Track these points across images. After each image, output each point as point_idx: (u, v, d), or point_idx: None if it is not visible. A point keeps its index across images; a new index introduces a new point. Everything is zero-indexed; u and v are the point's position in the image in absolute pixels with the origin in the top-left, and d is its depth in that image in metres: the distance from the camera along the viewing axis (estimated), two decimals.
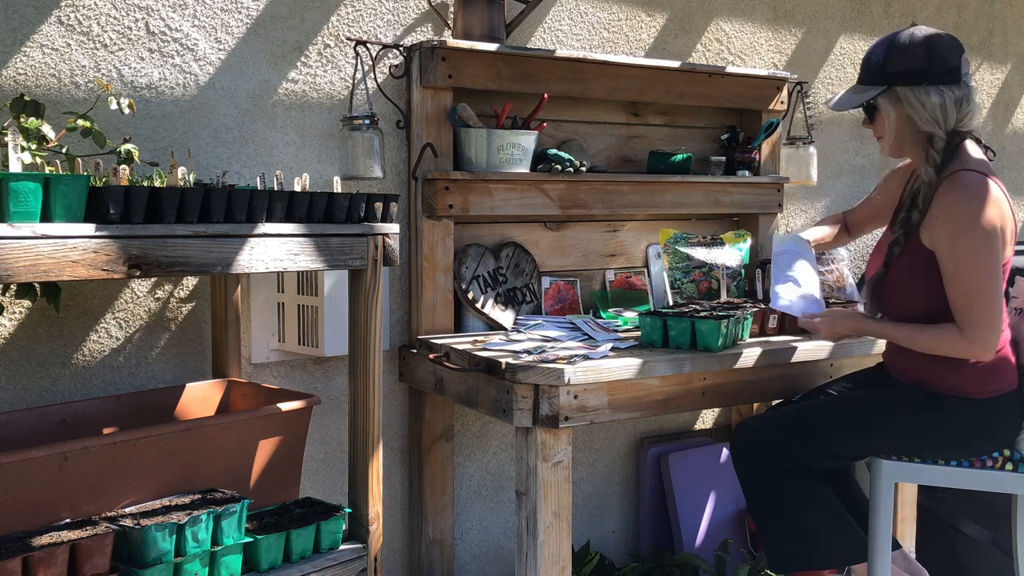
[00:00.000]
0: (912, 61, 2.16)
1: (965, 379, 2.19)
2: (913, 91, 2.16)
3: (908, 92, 2.16)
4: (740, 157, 3.12)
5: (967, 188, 2.12)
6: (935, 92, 2.15)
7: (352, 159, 2.49)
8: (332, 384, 2.64)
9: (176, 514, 1.81)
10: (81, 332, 2.29)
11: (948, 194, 2.14)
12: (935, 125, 2.17)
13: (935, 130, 2.17)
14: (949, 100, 2.15)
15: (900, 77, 2.17)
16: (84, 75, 2.25)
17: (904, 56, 2.17)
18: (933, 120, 2.16)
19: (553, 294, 2.87)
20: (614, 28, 3.09)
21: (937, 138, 2.18)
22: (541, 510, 2.21)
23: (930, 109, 2.15)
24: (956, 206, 2.12)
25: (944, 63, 2.16)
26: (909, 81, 2.16)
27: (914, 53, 2.16)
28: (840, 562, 2.31)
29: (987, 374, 2.19)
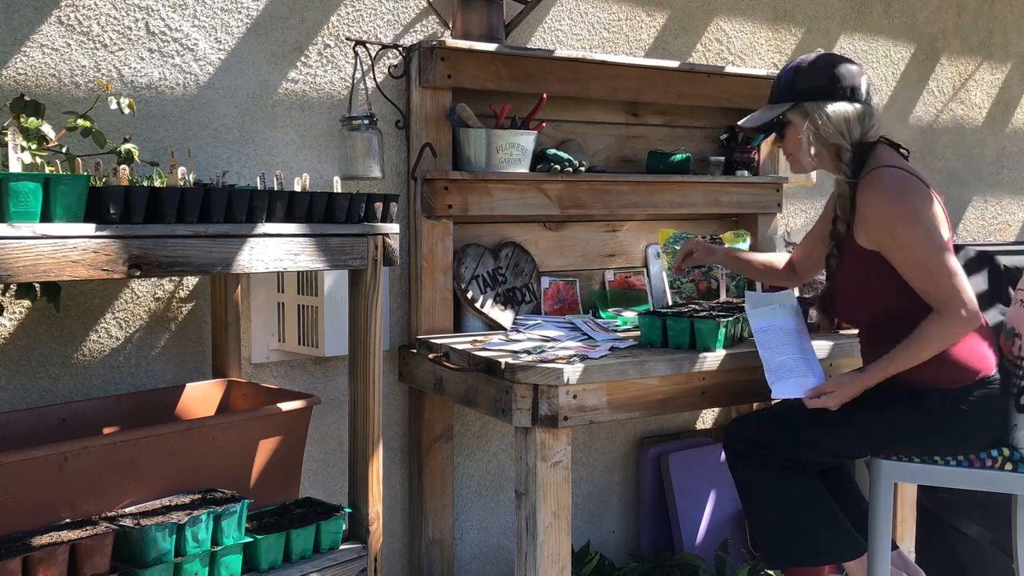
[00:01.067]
0: (818, 79, 2.28)
1: (940, 371, 2.21)
2: (819, 105, 2.27)
3: (814, 106, 2.28)
4: (739, 157, 3.13)
5: (883, 182, 2.21)
6: (840, 107, 2.27)
7: (352, 159, 2.49)
8: (332, 384, 2.64)
9: (176, 514, 1.81)
10: (81, 332, 2.29)
11: (867, 193, 2.22)
12: (840, 137, 2.27)
13: (840, 141, 2.27)
14: (852, 115, 2.27)
15: (807, 93, 2.29)
16: (84, 75, 2.25)
17: (811, 75, 2.30)
18: (838, 132, 2.27)
19: (552, 294, 2.87)
20: (614, 28, 3.09)
21: (844, 149, 2.28)
22: (541, 510, 2.21)
23: (835, 121, 2.26)
24: (880, 201, 2.20)
25: (845, 82, 2.28)
26: (815, 97, 2.28)
27: (819, 73, 2.29)
28: (834, 558, 2.32)
29: (960, 363, 2.21)
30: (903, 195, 2.18)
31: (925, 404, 2.22)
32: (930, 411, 2.22)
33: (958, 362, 2.21)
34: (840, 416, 2.28)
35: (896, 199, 2.18)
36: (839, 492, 2.48)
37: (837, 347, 2.59)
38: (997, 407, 2.24)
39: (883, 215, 2.19)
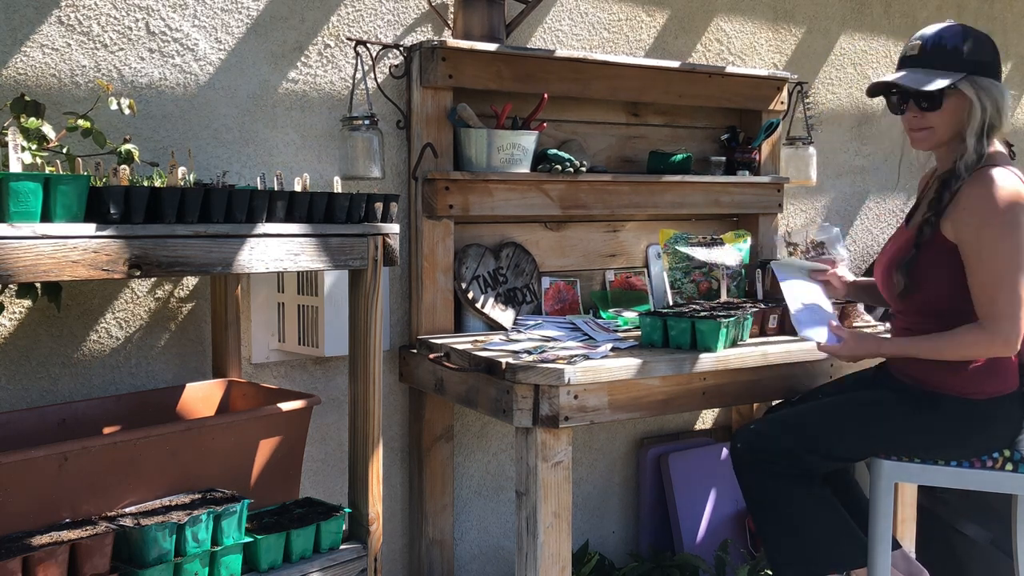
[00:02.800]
0: (986, 53, 2.17)
1: (963, 380, 2.19)
2: (992, 83, 2.17)
3: (988, 83, 2.17)
4: (740, 157, 3.12)
5: (996, 181, 2.12)
6: (1003, 87, 2.18)
7: (352, 159, 2.49)
8: (332, 384, 2.64)
9: (176, 514, 1.81)
10: (81, 332, 2.29)
11: (976, 186, 2.13)
12: (998, 117, 2.18)
13: (997, 122, 2.18)
14: (1008, 96, 2.19)
15: (979, 67, 2.17)
16: (84, 75, 2.25)
17: (980, 47, 2.18)
18: (998, 111, 2.17)
19: (553, 294, 2.87)
20: (614, 28, 3.09)
21: (996, 130, 2.18)
22: (541, 510, 2.21)
23: (1001, 101, 2.17)
24: (985, 197, 2.11)
25: (998, 61, 2.19)
26: (987, 72, 2.17)
27: (986, 47, 2.18)
28: (842, 566, 2.31)
29: (986, 375, 2.19)
30: (1008, 199, 2.09)
31: (944, 410, 2.20)
32: (948, 418, 2.20)
33: (988, 375, 2.18)
34: (852, 422, 2.26)
35: (1001, 201, 2.09)
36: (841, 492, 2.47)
37: None
38: (1014, 421, 2.23)
39: (982, 212, 2.10)
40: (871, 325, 2.87)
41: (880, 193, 3.81)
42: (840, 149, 3.66)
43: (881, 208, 3.82)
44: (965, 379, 2.19)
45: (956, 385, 2.19)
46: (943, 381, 2.20)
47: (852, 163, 3.69)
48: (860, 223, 3.76)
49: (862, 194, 3.75)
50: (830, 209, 3.65)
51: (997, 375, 2.20)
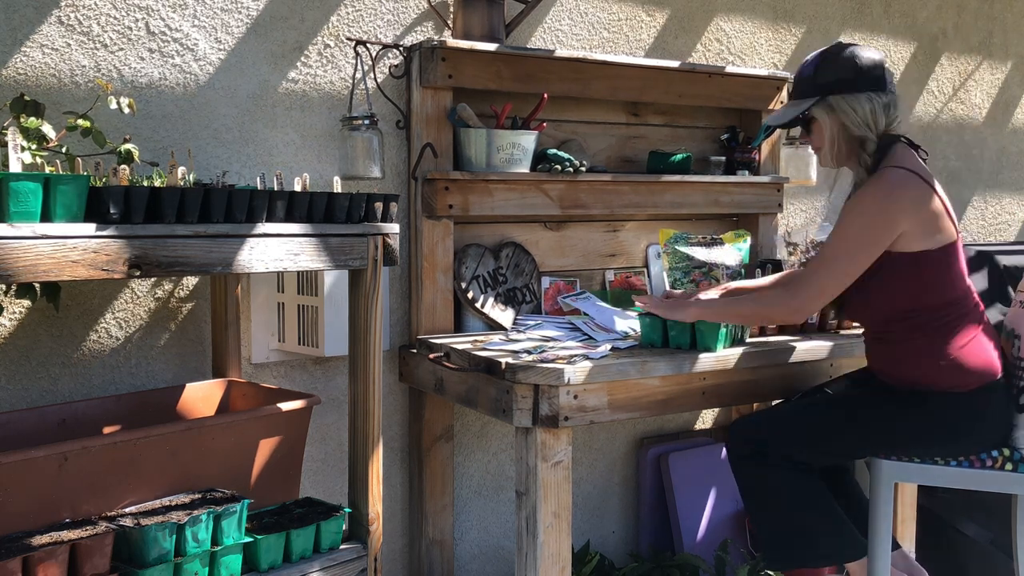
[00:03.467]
0: (841, 71, 2.26)
1: (944, 375, 2.20)
2: (844, 98, 2.25)
3: (840, 99, 2.26)
4: (740, 157, 3.12)
5: (883, 180, 2.21)
6: (864, 98, 2.25)
7: (352, 159, 2.49)
8: (332, 384, 2.64)
9: (176, 514, 1.81)
10: (81, 332, 2.29)
11: (866, 186, 2.24)
12: (867, 129, 2.26)
13: (867, 134, 2.26)
14: (878, 105, 2.25)
15: (831, 87, 2.26)
16: (84, 75, 2.25)
17: (833, 68, 2.27)
18: (865, 124, 2.26)
19: (553, 294, 2.87)
20: (614, 28, 3.09)
21: (869, 141, 2.27)
22: (541, 510, 2.21)
23: (861, 114, 2.25)
24: (863, 190, 2.23)
25: (870, 72, 2.26)
26: (840, 89, 2.26)
27: (842, 65, 2.27)
28: (836, 560, 2.32)
29: (965, 367, 2.20)
30: (880, 195, 2.18)
31: (930, 406, 2.22)
32: (935, 413, 2.22)
33: (965, 366, 2.20)
34: (844, 416, 2.28)
35: (871, 196, 2.19)
36: (840, 491, 2.47)
37: (837, 347, 2.59)
38: (1002, 410, 2.24)
39: (851, 202, 2.24)
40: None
41: None
42: None
43: None
44: (944, 374, 2.21)
45: (939, 380, 2.21)
46: (925, 378, 2.22)
47: None
48: None
49: None
50: (830, 209, 3.65)
51: (976, 367, 2.21)
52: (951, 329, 2.21)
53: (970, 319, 2.23)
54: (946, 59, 3.95)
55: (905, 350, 2.25)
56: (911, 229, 2.17)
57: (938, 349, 2.20)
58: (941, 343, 2.20)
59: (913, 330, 2.22)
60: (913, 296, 2.21)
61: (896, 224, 2.16)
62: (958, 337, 2.21)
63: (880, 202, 2.18)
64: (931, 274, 2.20)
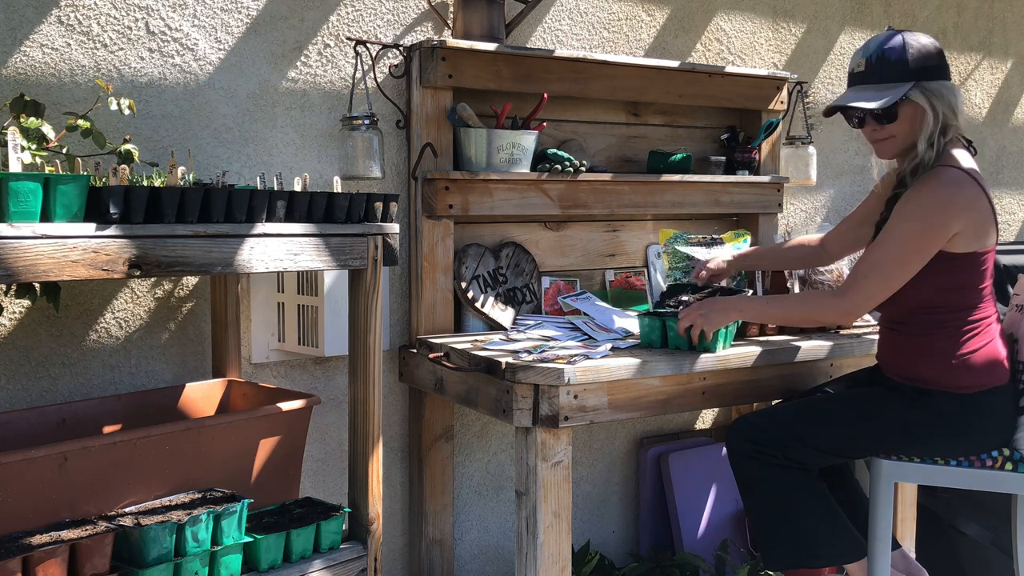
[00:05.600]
0: (931, 58, 2.22)
1: (953, 375, 2.20)
2: (941, 84, 2.22)
3: (937, 86, 2.21)
4: (740, 157, 3.12)
5: (935, 178, 2.17)
6: (951, 84, 2.23)
7: (352, 159, 2.49)
8: (332, 384, 2.64)
9: (176, 514, 1.81)
10: (81, 332, 2.29)
11: (920, 183, 2.19)
12: (953, 116, 2.22)
13: (953, 121, 2.22)
14: (959, 95, 2.24)
15: (926, 72, 2.21)
16: (84, 75, 2.25)
17: (924, 53, 2.22)
18: (952, 110, 2.21)
19: (553, 294, 2.87)
20: (614, 28, 3.09)
21: (952, 128, 2.22)
22: (541, 510, 2.21)
23: (954, 101, 2.21)
24: (918, 190, 2.18)
25: (945, 62, 2.25)
26: (934, 75, 2.21)
27: (930, 51, 2.23)
28: (834, 560, 2.31)
29: (976, 369, 2.20)
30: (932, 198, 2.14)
31: (934, 406, 2.21)
32: (939, 414, 2.21)
33: (976, 368, 2.19)
34: (845, 415, 2.28)
35: (924, 196, 2.15)
36: (841, 491, 2.47)
37: (837, 347, 2.59)
38: (1006, 413, 2.24)
39: (909, 201, 2.17)
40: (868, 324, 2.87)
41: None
42: (840, 149, 3.66)
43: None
44: (954, 373, 2.20)
45: (945, 380, 2.21)
46: (934, 377, 2.22)
47: (852, 163, 3.69)
48: None
49: (862, 194, 3.75)
50: (830, 209, 3.65)
51: (987, 369, 2.21)
52: (970, 330, 2.20)
53: (987, 324, 2.23)
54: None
55: (920, 344, 2.24)
56: (963, 231, 2.14)
57: (953, 348, 2.19)
58: (957, 342, 2.19)
59: (932, 326, 2.21)
60: (942, 294, 2.19)
61: (950, 228, 2.13)
62: (974, 339, 2.20)
63: (936, 206, 2.14)
64: (965, 276, 2.19)
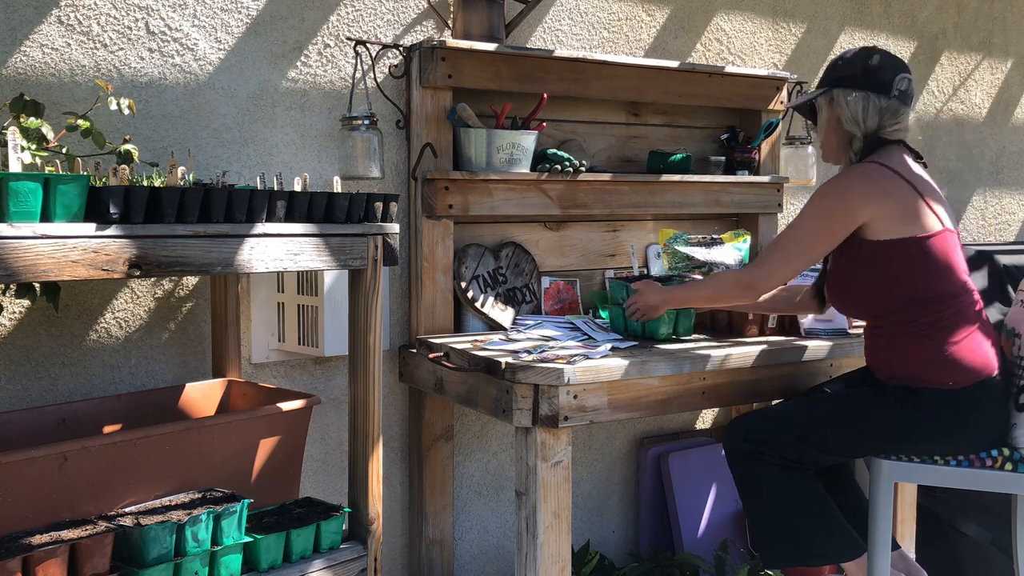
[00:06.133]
0: (850, 69, 2.32)
1: (935, 372, 2.21)
2: (843, 92, 2.31)
3: (839, 92, 2.32)
4: (740, 157, 3.12)
5: (846, 171, 2.29)
6: (861, 96, 2.29)
7: (351, 159, 2.49)
8: (332, 384, 2.64)
9: (176, 514, 1.81)
10: (81, 332, 2.29)
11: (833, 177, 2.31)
12: (855, 125, 2.31)
13: (854, 130, 2.31)
14: (872, 106, 2.29)
15: (838, 81, 2.33)
16: (84, 75, 2.25)
17: (846, 66, 2.34)
18: (853, 120, 2.30)
19: (553, 294, 2.87)
20: (614, 28, 3.09)
21: (856, 139, 2.32)
22: (541, 510, 2.21)
23: (852, 110, 2.30)
24: (826, 183, 2.29)
25: (876, 75, 2.30)
26: (844, 84, 2.32)
27: (854, 63, 2.33)
28: (831, 559, 2.32)
29: (957, 364, 2.20)
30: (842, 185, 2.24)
31: (925, 403, 2.22)
32: (930, 410, 2.22)
33: (959, 363, 2.20)
34: (840, 414, 2.29)
35: (833, 186, 2.25)
36: (840, 491, 2.47)
37: (837, 347, 2.59)
38: (997, 407, 2.24)
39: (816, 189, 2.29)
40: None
41: None
42: None
43: None
44: (935, 370, 2.21)
45: (929, 377, 2.21)
46: (919, 374, 2.22)
47: None
48: None
49: None
50: None
51: (968, 362, 2.20)
52: (944, 325, 2.21)
53: (966, 316, 2.23)
54: (946, 59, 3.95)
55: (897, 344, 2.25)
56: (877, 216, 2.20)
57: (931, 346, 2.20)
58: (934, 339, 2.20)
59: (904, 325, 2.22)
60: (894, 286, 2.21)
61: (854, 213, 2.21)
62: (953, 334, 2.20)
63: (836, 191, 2.24)
64: (912, 264, 2.20)
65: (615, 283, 2.64)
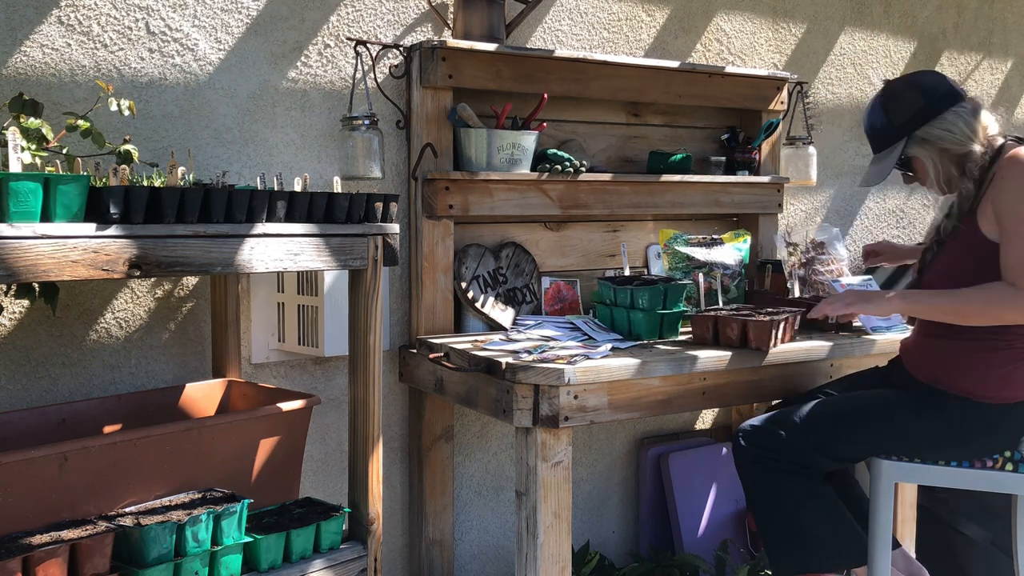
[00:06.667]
0: (912, 105, 2.21)
1: (975, 381, 2.17)
2: (932, 125, 2.20)
3: (929, 129, 2.20)
4: (740, 157, 3.12)
5: (1015, 158, 2.11)
6: (951, 115, 2.19)
7: (352, 159, 2.49)
8: (332, 384, 2.64)
9: (176, 514, 1.81)
10: (81, 332, 2.29)
11: (1007, 167, 2.11)
12: (970, 141, 2.19)
13: (971, 146, 2.18)
14: (966, 114, 2.19)
15: (911, 124, 2.21)
16: (84, 75, 2.25)
17: (901, 106, 2.22)
18: (965, 138, 2.19)
19: (553, 294, 2.87)
20: (614, 28, 3.09)
21: (974, 152, 2.18)
22: (541, 510, 2.21)
23: (957, 131, 2.19)
24: (1010, 176, 2.09)
25: (937, 90, 2.21)
26: (921, 121, 2.20)
27: (908, 97, 2.22)
28: (841, 565, 2.30)
29: (1008, 380, 2.16)
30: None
31: (946, 412, 2.19)
32: (951, 419, 2.19)
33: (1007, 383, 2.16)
34: (853, 419, 2.26)
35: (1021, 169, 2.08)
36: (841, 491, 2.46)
37: (837, 347, 2.58)
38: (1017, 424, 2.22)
39: (1016, 186, 2.08)
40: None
41: (880, 193, 3.81)
42: (840, 149, 3.66)
43: (881, 208, 3.82)
44: (978, 381, 2.17)
45: (967, 386, 2.18)
46: (955, 381, 2.19)
47: (852, 163, 3.69)
48: (860, 223, 3.76)
49: (862, 194, 3.75)
50: (830, 209, 3.65)
51: (1011, 381, 2.17)
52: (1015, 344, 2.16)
53: None
54: (946, 59, 3.95)
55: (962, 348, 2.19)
56: None
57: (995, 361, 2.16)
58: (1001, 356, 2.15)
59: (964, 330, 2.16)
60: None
61: None
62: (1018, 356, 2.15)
63: None
64: None
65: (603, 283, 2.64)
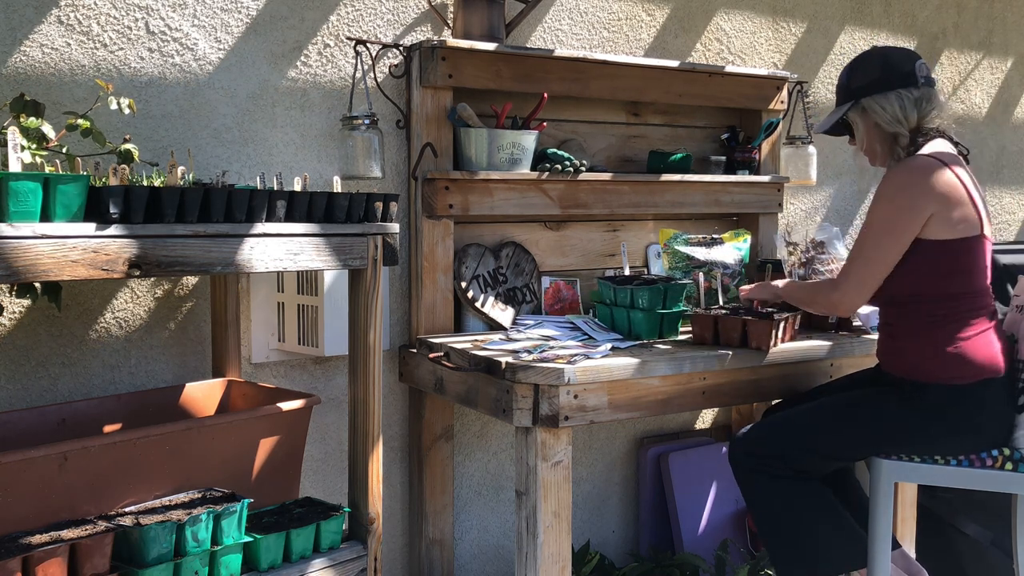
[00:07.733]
0: (869, 74, 2.33)
1: (945, 365, 2.20)
2: (874, 98, 2.31)
3: (870, 101, 2.32)
4: (740, 157, 3.12)
5: (909, 164, 2.24)
6: (894, 95, 2.30)
7: (352, 159, 2.49)
8: (332, 384, 2.64)
9: (176, 513, 1.81)
10: (81, 332, 2.29)
11: (889, 171, 2.28)
12: (898, 124, 2.30)
13: (899, 129, 2.30)
14: (908, 101, 2.30)
15: (863, 90, 2.33)
16: (84, 75, 2.25)
17: (863, 71, 2.35)
18: (895, 120, 2.30)
19: (553, 294, 2.87)
20: (614, 27, 3.09)
21: (901, 136, 2.31)
22: (541, 510, 2.21)
23: (891, 111, 2.30)
24: (886, 178, 2.26)
25: (897, 70, 2.31)
26: (870, 91, 2.32)
27: (869, 68, 2.34)
28: (843, 568, 2.31)
29: (968, 359, 2.20)
30: (905, 182, 2.20)
31: (929, 399, 2.21)
32: (933, 406, 2.21)
33: (967, 358, 2.19)
34: (848, 420, 2.27)
35: (895, 184, 2.21)
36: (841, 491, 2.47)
37: (837, 347, 2.59)
38: (1001, 405, 2.23)
39: (877, 192, 2.26)
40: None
41: None
42: (840, 149, 3.65)
43: None
44: (946, 363, 2.20)
45: (939, 371, 2.21)
46: (926, 367, 2.22)
47: (852, 163, 3.69)
48: (860, 222, 3.76)
49: (862, 194, 3.75)
50: (830, 208, 3.65)
51: (979, 359, 2.20)
52: (955, 320, 2.21)
53: (979, 316, 2.23)
54: (946, 58, 3.95)
55: (912, 336, 2.25)
56: (937, 212, 2.17)
57: (945, 338, 2.20)
58: (949, 333, 2.20)
59: (921, 317, 2.22)
60: (928, 281, 2.20)
61: (921, 209, 2.18)
62: (963, 329, 2.20)
63: (900, 187, 2.20)
64: (948, 264, 2.19)
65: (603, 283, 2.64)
